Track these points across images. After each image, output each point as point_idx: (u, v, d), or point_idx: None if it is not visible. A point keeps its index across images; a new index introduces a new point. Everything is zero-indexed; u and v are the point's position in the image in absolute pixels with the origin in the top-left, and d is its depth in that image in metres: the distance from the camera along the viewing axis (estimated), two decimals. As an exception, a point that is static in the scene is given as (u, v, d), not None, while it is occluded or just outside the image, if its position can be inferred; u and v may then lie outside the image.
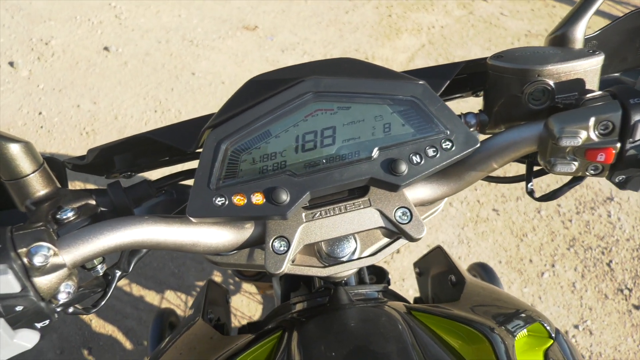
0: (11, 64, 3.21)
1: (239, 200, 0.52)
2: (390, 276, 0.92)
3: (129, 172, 0.71)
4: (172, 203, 0.79)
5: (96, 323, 2.04)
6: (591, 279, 2.26)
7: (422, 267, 1.05)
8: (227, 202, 0.52)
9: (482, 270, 1.10)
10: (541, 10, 3.99)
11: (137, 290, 2.14)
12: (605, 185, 2.64)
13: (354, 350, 0.56)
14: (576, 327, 2.11)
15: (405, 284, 2.22)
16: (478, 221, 2.46)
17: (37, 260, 0.46)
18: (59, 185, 0.60)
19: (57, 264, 0.48)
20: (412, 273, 2.23)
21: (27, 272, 0.46)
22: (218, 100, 3.01)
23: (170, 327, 1.18)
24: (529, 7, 4.03)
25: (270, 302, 2.11)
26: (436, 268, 0.94)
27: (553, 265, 2.31)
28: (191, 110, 2.94)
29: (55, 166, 0.63)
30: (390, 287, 0.81)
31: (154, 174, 1.58)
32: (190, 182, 0.87)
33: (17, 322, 0.47)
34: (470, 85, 0.71)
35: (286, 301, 0.79)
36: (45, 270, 0.47)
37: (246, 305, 2.08)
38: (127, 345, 1.97)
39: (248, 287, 2.14)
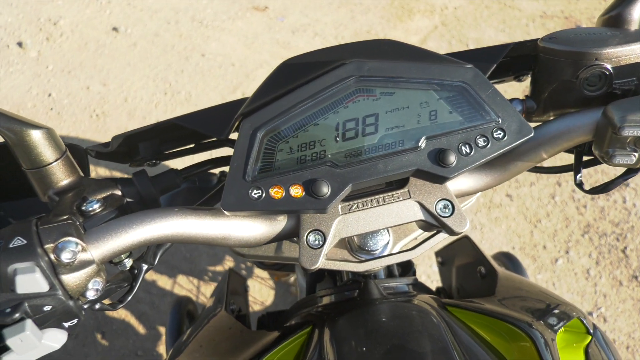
0: (20, 44, 3.18)
1: (276, 192, 0.50)
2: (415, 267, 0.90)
3: (154, 160, 0.69)
4: (195, 191, 0.77)
5: (110, 306, 2.04)
6: (605, 266, 2.24)
7: (445, 256, 1.02)
8: (264, 195, 0.50)
9: (508, 261, 1.07)
10: (557, -9, 3.89)
11: (149, 274, 2.14)
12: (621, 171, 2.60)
13: (391, 349, 0.54)
14: (590, 314, 2.10)
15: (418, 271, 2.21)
16: (491, 207, 2.43)
17: (65, 257, 0.44)
18: (81, 173, 0.58)
19: (85, 260, 0.46)
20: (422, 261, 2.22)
21: (55, 270, 0.44)
22: (228, 83, 2.97)
23: (188, 316, 1.17)
24: (545, -13, 3.93)
25: (282, 288, 2.11)
26: (462, 258, 0.92)
27: (567, 252, 2.29)
28: (201, 93, 2.90)
29: (77, 153, 0.61)
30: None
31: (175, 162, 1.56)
32: (214, 170, 0.84)
33: (45, 322, 0.45)
34: (513, 69, 0.67)
35: (312, 293, 0.77)
36: (73, 267, 0.45)
37: (258, 291, 2.08)
38: (140, 329, 1.97)
39: (260, 271, 2.13)
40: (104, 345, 1.94)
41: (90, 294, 0.47)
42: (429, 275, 2.18)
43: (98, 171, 2.52)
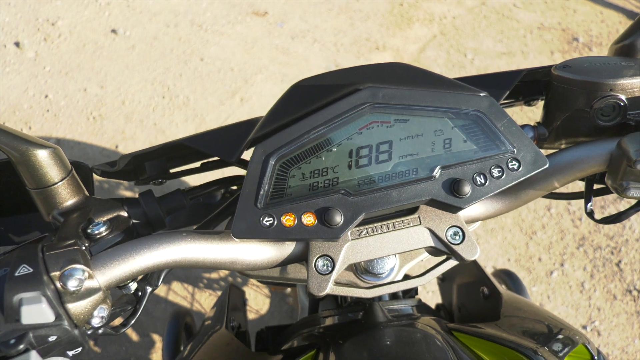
0: (17, 44, 3.16)
1: (288, 220, 0.50)
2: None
3: (160, 180, 0.68)
4: (199, 207, 0.77)
5: (104, 312, 2.02)
6: (600, 279, 2.25)
7: (446, 273, 1.02)
8: (275, 223, 0.49)
9: (508, 279, 1.07)
10: (554, 3, 3.92)
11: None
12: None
13: None
14: (584, 327, 2.10)
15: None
16: (488, 218, 2.44)
17: (72, 285, 0.43)
18: (87, 193, 0.57)
19: (91, 287, 0.45)
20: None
21: (61, 298, 0.43)
22: (227, 88, 2.96)
23: (186, 329, 1.16)
24: (543, -1, 3.96)
25: (278, 296, 2.10)
26: (463, 277, 0.91)
27: (562, 265, 2.30)
28: (199, 98, 2.89)
29: (82, 172, 0.60)
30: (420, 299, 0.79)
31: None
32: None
33: (49, 352, 0.44)
34: (524, 93, 0.67)
35: (314, 312, 0.76)
36: (79, 295, 0.44)
37: (253, 299, 2.07)
38: (134, 337, 1.96)
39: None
40: (97, 352, 1.92)
41: (96, 322, 0.46)
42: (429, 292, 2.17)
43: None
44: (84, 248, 0.47)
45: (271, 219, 0.50)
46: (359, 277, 0.62)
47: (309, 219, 0.50)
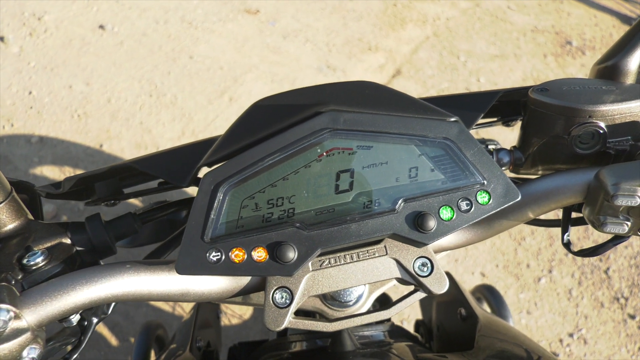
0: (1, 39, 3.09)
1: (237, 256, 0.46)
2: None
3: (112, 201, 0.64)
4: (164, 225, 0.73)
5: (83, 316, 1.98)
6: (588, 287, 2.24)
7: None
8: (223, 258, 0.46)
9: (489, 294, 1.05)
10: (548, 6, 3.91)
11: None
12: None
13: None
14: (571, 335, 2.09)
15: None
16: (477, 223, 2.42)
17: None
18: (30, 216, 0.53)
19: (18, 328, 0.41)
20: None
21: None
22: (215, 87, 2.92)
23: (157, 341, 1.13)
24: (537, 1, 3.94)
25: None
26: (443, 295, 0.89)
27: (550, 271, 2.28)
28: (187, 96, 2.84)
29: (27, 191, 0.56)
30: (395, 323, 0.76)
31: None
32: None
33: None
34: (503, 113, 0.63)
35: (284, 335, 0.73)
36: (4, 337, 0.41)
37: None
38: (113, 341, 1.92)
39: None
40: (74, 357, 1.87)
41: None
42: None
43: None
44: (14, 282, 0.43)
45: (219, 254, 0.46)
46: (325, 304, 0.59)
47: (259, 255, 0.46)
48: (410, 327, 1.46)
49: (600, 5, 3.94)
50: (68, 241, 0.53)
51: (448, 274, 0.91)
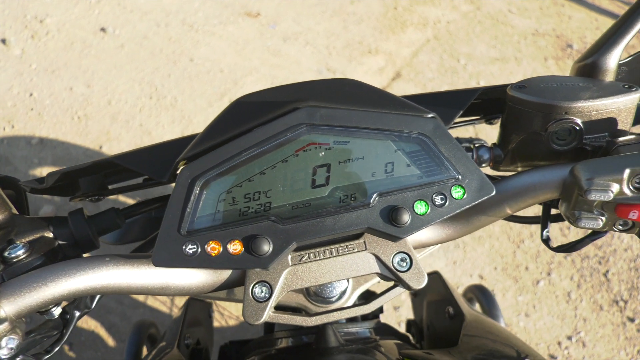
0: (3, 41, 3.12)
1: (213, 248, 0.46)
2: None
3: (97, 196, 0.64)
4: (153, 221, 0.73)
5: (81, 317, 1.98)
6: (587, 289, 2.23)
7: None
8: (199, 251, 0.46)
9: (481, 294, 1.04)
10: (550, 9, 3.90)
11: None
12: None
13: None
14: (569, 338, 2.08)
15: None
16: (475, 226, 2.41)
17: None
18: (14, 211, 0.53)
19: None
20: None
21: None
22: (215, 89, 2.93)
23: (150, 340, 1.13)
24: (537, 5, 3.93)
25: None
26: (433, 294, 0.89)
27: (549, 274, 2.27)
28: (187, 99, 2.86)
29: (12, 187, 0.56)
30: (382, 320, 0.76)
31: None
32: None
33: None
34: (485, 111, 0.64)
35: (270, 332, 0.74)
36: None
37: (234, 305, 2.03)
38: (110, 342, 1.92)
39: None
40: (72, 357, 1.88)
41: (4, 353, 0.43)
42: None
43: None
44: None
45: (195, 246, 0.47)
46: (309, 300, 0.59)
47: (235, 248, 0.47)
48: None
49: (601, 9, 3.93)
50: (50, 235, 0.53)
51: (437, 273, 0.91)
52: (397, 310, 2.06)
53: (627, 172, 0.44)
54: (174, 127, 2.71)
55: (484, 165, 0.58)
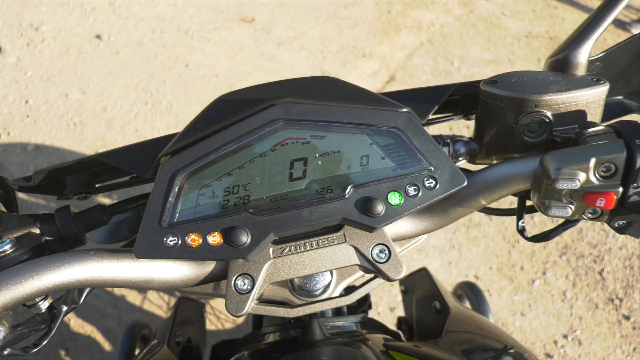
0: (-1, 49, 3.14)
1: (193, 240, 0.48)
2: (371, 298, 0.88)
3: (84, 194, 0.65)
4: (139, 223, 0.74)
5: (75, 323, 1.99)
6: (582, 288, 2.24)
7: (408, 285, 1.00)
8: (180, 242, 0.48)
9: (470, 291, 1.05)
10: (542, 11, 3.93)
11: (118, 289, 2.10)
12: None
13: None
14: (565, 337, 2.08)
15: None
16: (470, 226, 2.42)
17: None
18: (2, 208, 0.55)
19: None
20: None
21: None
22: (211, 94, 2.94)
23: (142, 341, 1.13)
24: (531, 7, 3.97)
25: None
26: (421, 290, 0.90)
27: (544, 273, 2.28)
28: (182, 104, 2.87)
29: (1, 186, 0.58)
30: (369, 314, 0.77)
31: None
32: None
33: None
34: (462, 107, 0.65)
35: (259, 326, 0.74)
36: None
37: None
38: (106, 346, 1.92)
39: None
40: (43, 344, 1.87)
41: None
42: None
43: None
44: None
45: (175, 238, 0.48)
46: (293, 294, 0.60)
47: (214, 239, 0.48)
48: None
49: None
50: (37, 231, 0.55)
51: (424, 269, 0.93)
52: (393, 312, 2.07)
53: (592, 161, 0.46)
54: (169, 132, 2.72)
55: (461, 158, 0.60)
